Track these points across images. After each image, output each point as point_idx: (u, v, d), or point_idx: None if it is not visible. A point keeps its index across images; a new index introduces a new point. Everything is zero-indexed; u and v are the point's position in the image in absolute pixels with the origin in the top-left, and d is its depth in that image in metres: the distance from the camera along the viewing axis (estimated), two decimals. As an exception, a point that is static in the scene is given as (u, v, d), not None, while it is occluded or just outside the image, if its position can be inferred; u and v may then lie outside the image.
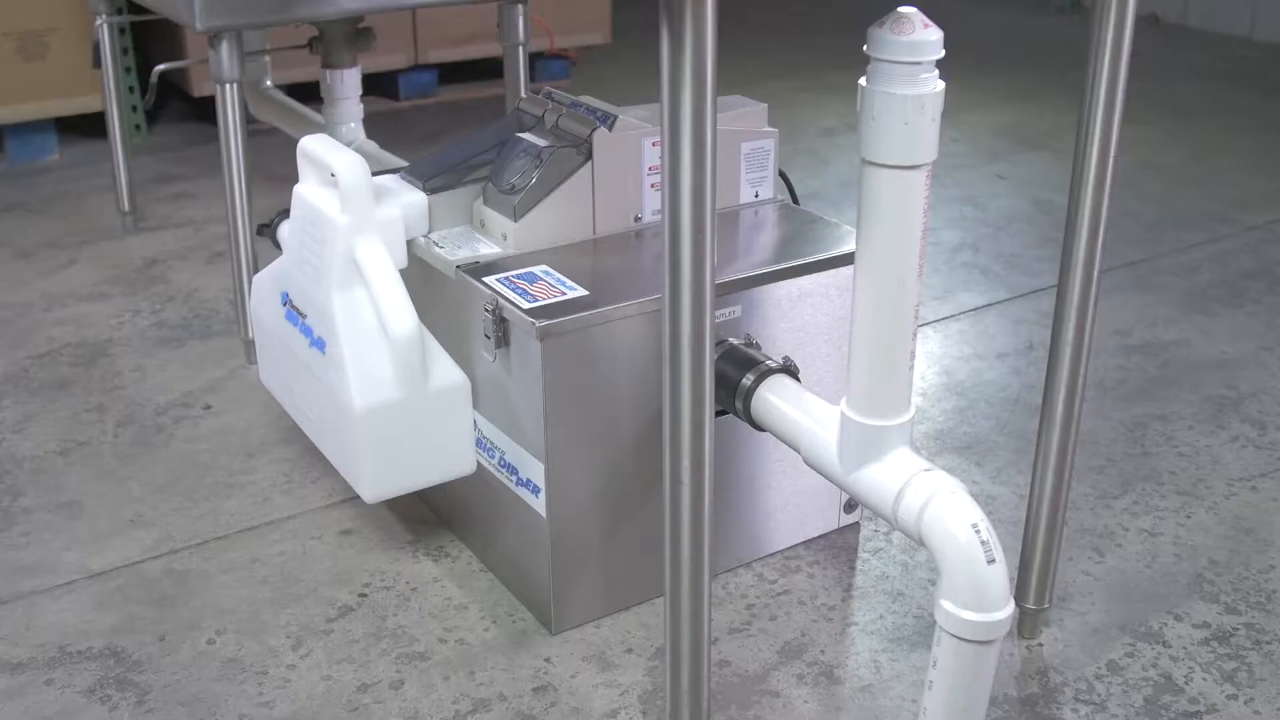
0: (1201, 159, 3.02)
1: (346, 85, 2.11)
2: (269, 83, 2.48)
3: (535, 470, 1.35)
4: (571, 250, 1.46)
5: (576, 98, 1.55)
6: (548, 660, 1.38)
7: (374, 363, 1.39)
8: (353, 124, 2.15)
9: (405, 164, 1.67)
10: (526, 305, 1.31)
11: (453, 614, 1.46)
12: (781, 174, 1.65)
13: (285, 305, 1.54)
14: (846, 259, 1.45)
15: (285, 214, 1.67)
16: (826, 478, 1.26)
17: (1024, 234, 2.57)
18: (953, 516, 1.14)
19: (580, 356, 1.32)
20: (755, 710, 1.32)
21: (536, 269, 1.40)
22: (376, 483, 1.42)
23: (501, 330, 1.34)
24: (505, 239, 1.46)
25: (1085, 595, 1.49)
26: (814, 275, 1.45)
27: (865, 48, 1.08)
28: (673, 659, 1.14)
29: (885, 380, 1.19)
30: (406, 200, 1.46)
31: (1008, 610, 1.13)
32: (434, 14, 3.33)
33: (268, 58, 2.45)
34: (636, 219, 1.52)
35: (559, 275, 1.38)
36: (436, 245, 1.46)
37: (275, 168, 2.92)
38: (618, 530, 1.42)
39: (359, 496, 1.64)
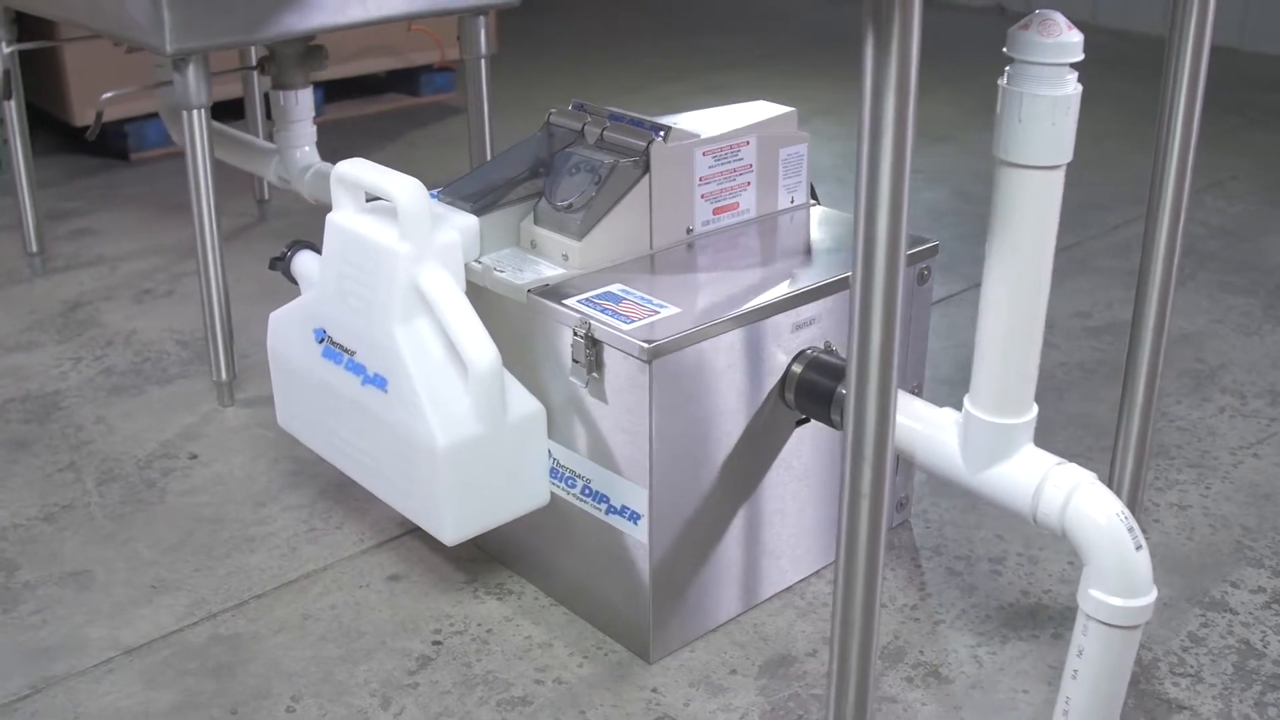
0: (1099, 141, 3.16)
1: (301, 106, 2.01)
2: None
3: (635, 497, 1.31)
4: (635, 266, 1.42)
5: (610, 108, 1.51)
6: (655, 691, 1.34)
7: (449, 397, 1.32)
8: (307, 147, 2.04)
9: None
10: (626, 326, 1.27)
11: (538, 653, 1.40)
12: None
13: (322, 342, 1.45)
14: (913, 259, 1.46)
15: (299, 245, 1.57)
16: (944, 480, 1.26)
17: (957, 225, 2.64)
18: (1097, 507, 1.16)
19: (682, 375, 1.28)
20: (880, 718, 1.30)
21: (613, 288, 1.36)
22: (459, 524, 1.35)
23: (594, 353, 1.29)
24: (566, 259, 1.40)
25: (1143, 572, 1.53)
26: (882, 278, 1.44)
27: (1006, 49, 1.08)
28: (840, 668, 1.12)
29: (1017, 379, 1.19)
30: (461, 224, 1.39)
31: (1153, 594, 1.15)
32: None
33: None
34: (689, 230, 1.49)
35: (640, 293, 1.34)
36: (496, 270, 1.39)
37: (175, 197, 2.76)
38: (709, 550, 1.38)
39: (392, 539, 1.57)
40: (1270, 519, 1.64)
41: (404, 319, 1.34)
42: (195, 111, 1.74)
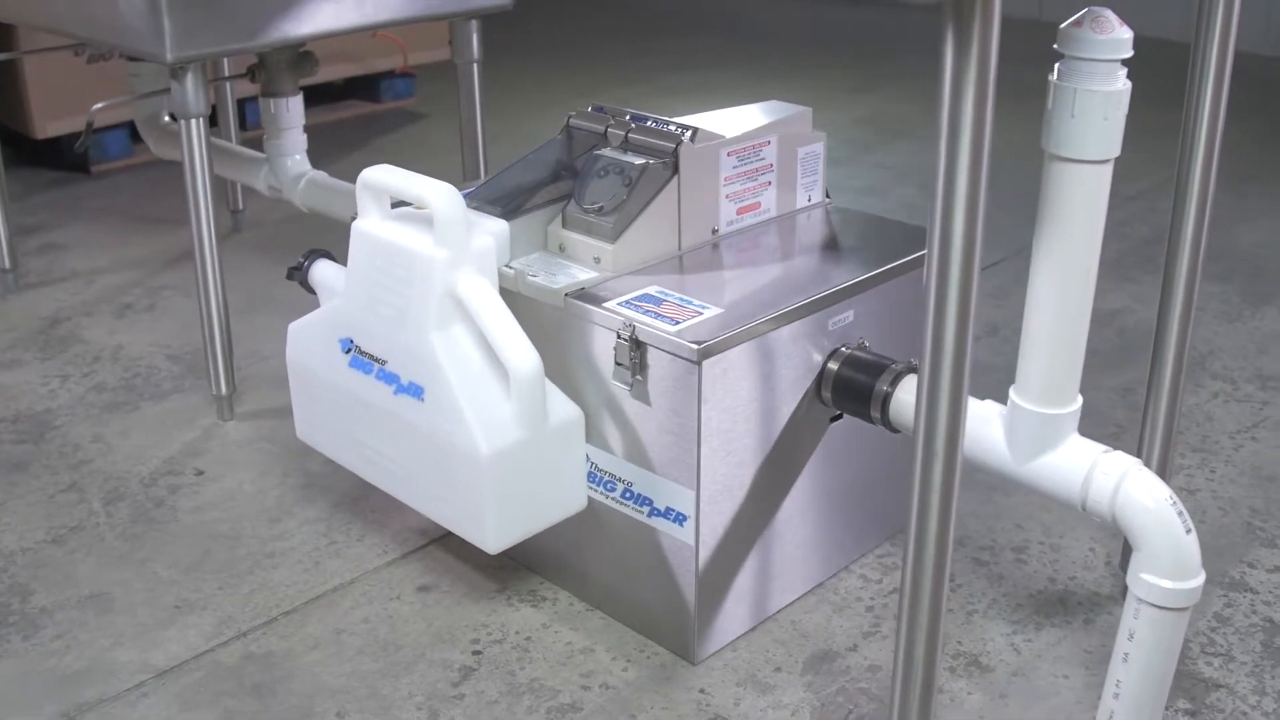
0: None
1: (292, 114, 1.97)
2: (168, 118, 2.28)
3: (681, 498, 1.31)
4: (666, 268, 1.42)
5: (631, 110, 1.51)
6: (703, 692, 1.34)
7: (490, 404, 1.31)
8: (298, 155, 2.01)
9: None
10: (673, 328, 1.26)
11: (581, 659, 1.39)
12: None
13: (349, 352, 1.43)
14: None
15: (315, 254, 1.55)
16: (989, 471, 1.28)
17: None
18: (1147, 492, 1.18)
19: (729, 375, 1.28)
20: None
21: (651, 290, 1.35)
22: (502, 532, 1.34)
23: (638, 356, 1.29)
24: (599, 261, 1.40)
25: (1162, 556, 1.56)
26: (911, 273, 1.46)
27: (1057, 45, 1.09)
28: (907, 651, 1.13)
29: (1065, 370, 1.21)
30: (493, 229, 1.38)
31: (1203, 576, 1.18)
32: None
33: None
34: (714, 231, 1.49)
35: (679, 294, 1.34)
36: (530, 274, 1.38)
37: (142, 209, 2.71)
38: (749, 549, 1.39)
39: (417, 550, 1.56)
40: (1277, 500, 1.68)
41: (440, 326, 1.33)
42: (194, 121, 1.70)
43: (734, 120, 1.52)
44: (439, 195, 1.31)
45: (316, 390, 1.49)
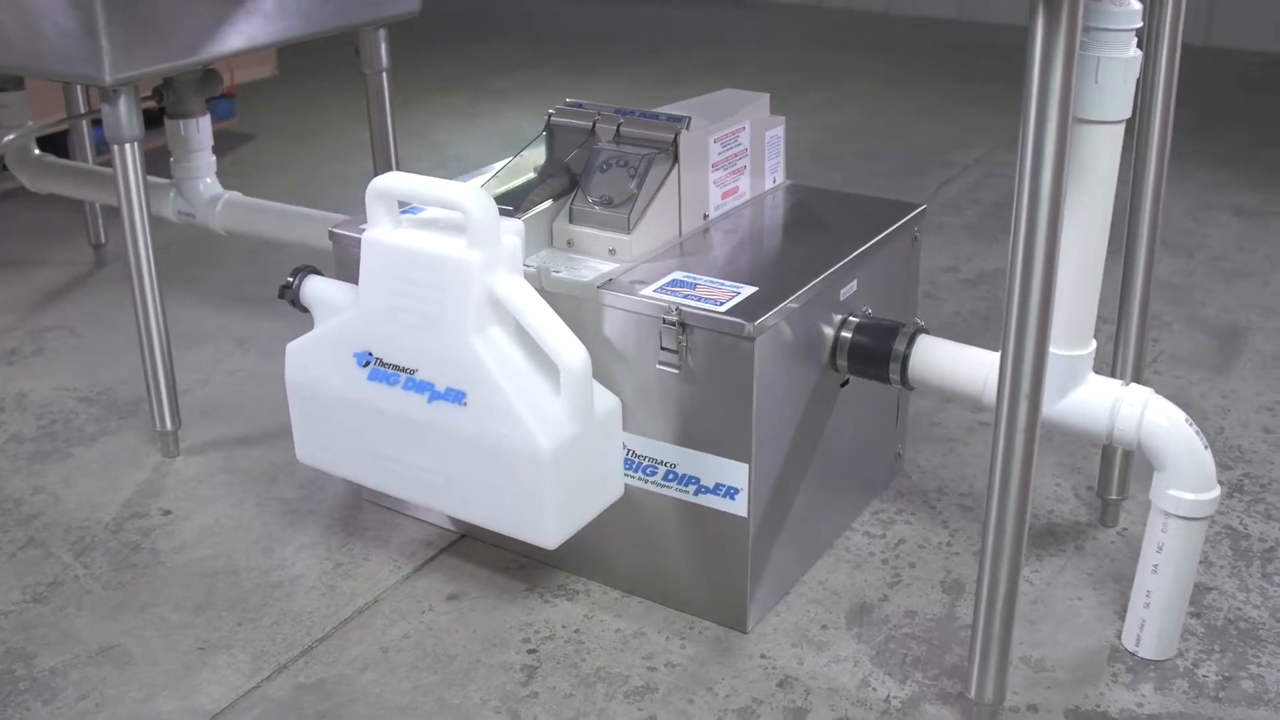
0: (878, 115, 3.41)
1: (202, 135, 1.89)
2: (37, 151, 2.14)
3: (733, 473, 1.35)
4: (674, 254, 1.45)
5: (612, 105, 1.53)
6: (764, 657, 1.39)
7: (539, 401, 1.32)
8: (209, 178, 1.93)
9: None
10: (721, 308, 1.31)
11: (636, 643, 1.41)
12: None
13: (368, 365, 1.40)
14: (909, 223, 1.57)
15: (306, 270, 1.51)
16: (1012, 415, 1.38)
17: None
18: (1169, 416, 1.31)
19: (776, 349, 1.33)
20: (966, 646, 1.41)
21: (677, 275, 1.39)
22: (561, 525, 1.35)
23: (686, 338, 1.32)
24: (614, 253, 1.42)
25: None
26: (897, 241, 1.54)
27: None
28: (989, 600, 1.21)
29: (1085, 314, 1.33)
30: (512, 228, 1.38)
31: (1219, 488, 1.31)
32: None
33: (30, 122, 2.11)
34: (705, 216, 1.54)
35: (708, 278, 1.38)
36: (554, 270, 1.39)
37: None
38: (785, 517, 1.44)
39: (429, 561, 1.57)
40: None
41: (479, 329, 1.33)
42: (128, 145, 1.62)
43: (704, 109, 1.57)
44: (471, 199, 1.30)
45: (325, 409, 1.46)
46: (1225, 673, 1.35)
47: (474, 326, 1.32)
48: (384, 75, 2.00)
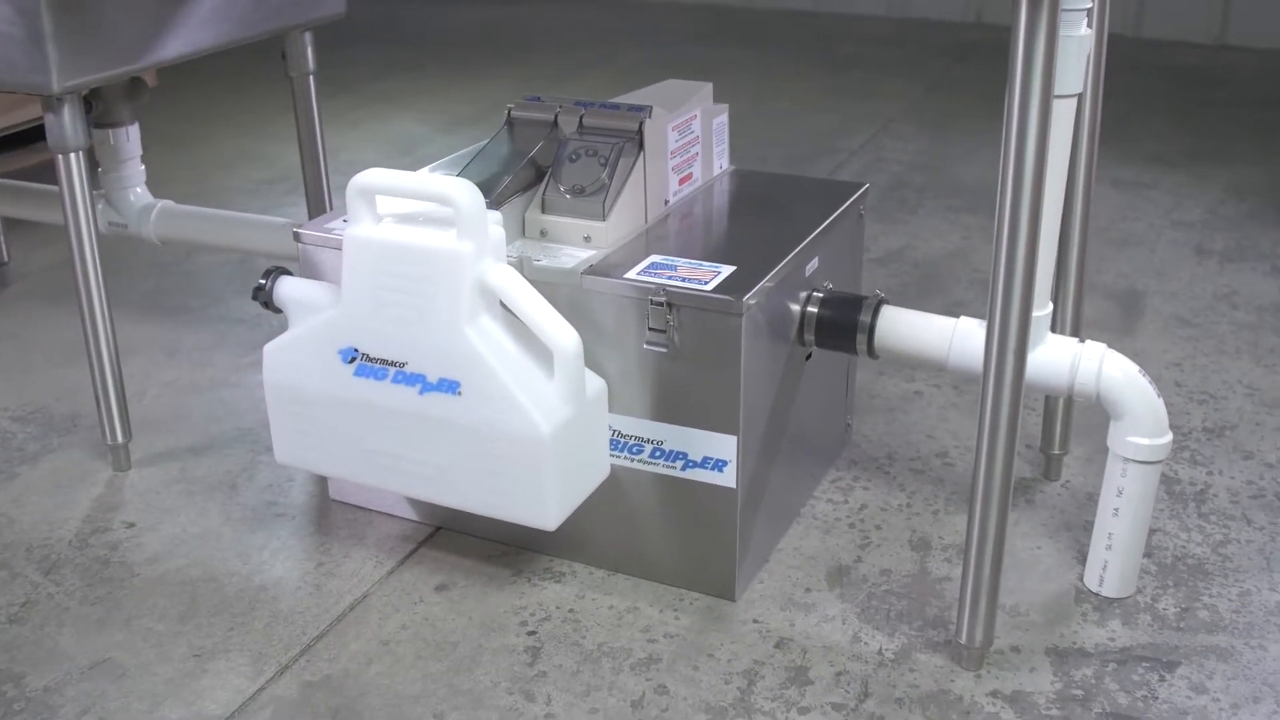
0: (761, 105, 3.50)
1: (131, 144, 1.86)
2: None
3: (720, 446, 1.40)
4: (644, 239, 1.50)
5: (569, 97, 1.57)
6: (757, 621, 1.44)
7: (534, 386, 1.35)
8: (139, 188, 1.90)
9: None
10: (707, 288, 1.35)
11: (631, 618, 1.45)
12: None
13: (353, 361, 1.41)
14: (855, 203, 1.65)
15: (278, 271, 1.50)
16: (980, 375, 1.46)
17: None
18: (1123, 368, 1.41)
19: (759, 325, 1.39)
20: (946, 592, 1.49)
21: (655, 259, 1.43)
22: (559, 506, 1.38)
23: (675, 318, 1.37)
24: (589, 240, 1.46)
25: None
26: (847, 220, 1.62)
27: None
28: (978, 554, 1.29)
29: (1045, 275, 1.41)
30: (494, 219, 1.41)
31: (1170, 433, 1.42)
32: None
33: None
34: (665, 202, 1.59)
35: (685, 259, 1.43)
36: (535, 259, 1.42)
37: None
38: (765, 487, 1.50)
39: (410, 554, 1.59)
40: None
41: (471, 319, 1.35)
42: (73, 155, 1.59)
43: (656, 99, 1.62)
44: (460, 191, 1.33)
45: (307, 408, 1.46)
46: (1182, 605, 1.46)
47: (466, 317, 1.35)
48: (311, 78, 1.99)
